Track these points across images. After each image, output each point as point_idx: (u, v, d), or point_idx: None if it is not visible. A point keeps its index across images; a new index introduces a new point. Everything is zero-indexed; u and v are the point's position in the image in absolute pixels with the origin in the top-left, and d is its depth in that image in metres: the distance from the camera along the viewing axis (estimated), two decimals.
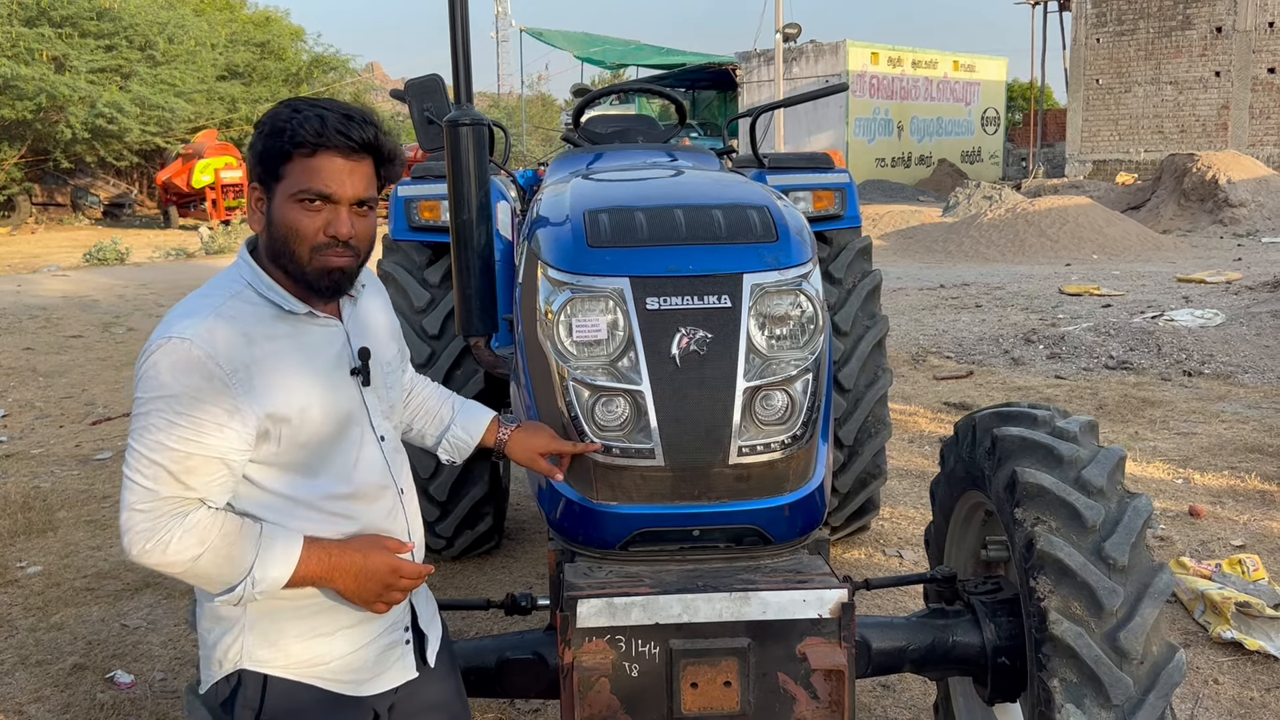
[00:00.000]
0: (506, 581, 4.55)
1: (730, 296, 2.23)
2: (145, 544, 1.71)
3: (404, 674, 2.01)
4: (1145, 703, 2.16)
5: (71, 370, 9.18)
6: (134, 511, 1.72)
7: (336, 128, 1.78)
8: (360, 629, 1.92)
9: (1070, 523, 2.29)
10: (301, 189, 1.78)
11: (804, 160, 4.43)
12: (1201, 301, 11.03)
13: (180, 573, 1.74)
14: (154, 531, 1.71)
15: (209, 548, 1.72)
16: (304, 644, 1.87)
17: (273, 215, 1.82)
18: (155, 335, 1.77)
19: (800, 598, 2.13)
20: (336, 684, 1.90)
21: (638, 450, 2.22)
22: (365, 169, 1.83)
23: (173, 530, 1.71)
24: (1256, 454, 6.03)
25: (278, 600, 1.83)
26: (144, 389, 1.74)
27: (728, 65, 32.15)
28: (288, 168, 1.79)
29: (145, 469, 1.72)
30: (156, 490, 1.71)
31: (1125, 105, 27.31)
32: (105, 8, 24.63)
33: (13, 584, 4.66)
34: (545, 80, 61.04)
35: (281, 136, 1.78)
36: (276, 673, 1.86)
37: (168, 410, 1.71)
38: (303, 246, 1.80)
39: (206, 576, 1.75)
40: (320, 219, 1.80)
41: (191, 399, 1.71)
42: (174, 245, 18.69)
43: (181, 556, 1.72)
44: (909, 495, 5.53)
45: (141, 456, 1.72)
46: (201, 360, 1.72)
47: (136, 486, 1.72)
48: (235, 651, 1.85)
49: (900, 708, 3.50)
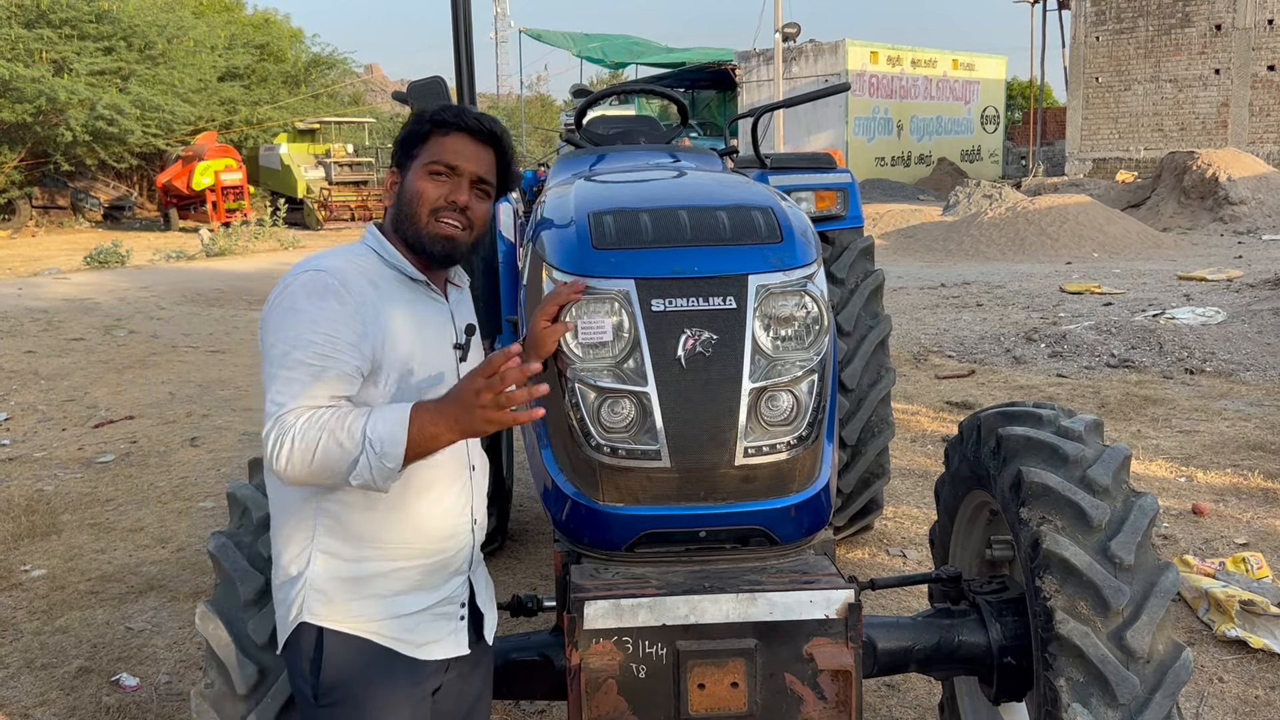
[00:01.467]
0: (511, 583, 4.55)
1: (735, 298, 2.23)
2: (281, 447, 1.80)
3: (457, 648, 2.07)
4: (1152, 702, 2.16)
5: (73, 373, 9.18)
6: (269, 429, 1.82)
7: (472, 114, 2.03)
8: (416, 595, 1.99)
9: (1076, 522, 2.29)
10: (434, 159, 2.00)
11: (806, 160, 4.43)
12: (1202, 299, 11.04)
13: (311, 464, 1.80)
14: (285, 434, 1.81)
15: (326, 429, 1.80)
16: (360, 602, 1.95)
17: (404, 187, 2.03)
18: (289, 275, 1.93)
19: (807, 598, 2.13)
20: (393, 642, 1.96)
21: (644, 452, 2.22)
22: (490, 157, 2.05)
23: (296, 426, 1.81)
24: (1259, 451, 6.04)
25: (341, 563, 1.94)
26: (279, 315, 1.88)
27: (727, 65, 32.15)
28: (424, 146, 2.02)
29: (282, 385, 1.83)
30: (286, 402, 1.82)
31: (1125, 103, 27.30)
32: (104, 10, 24.64)
33: (17, 587, 4.66)
34: (544, 81, 61.10)
35: (423, 120, 2.02)
36: (337, 627, 1.94)
37: (305, 329, 1.85)
38: (424, 209, 1.99)
39: (332, 460, 1.80)
40: (445, 188, 2.00)
41: (328, 319, 1.86)
42: (174, 248, 18.69)
43: (307, 444, 1.79)
44: (912, 495, 5.54)
45: (279, 376, 1.84)
46: (335, 288, 1.89)
47: (272, 404, 1.83)
48: (297, 607, 1.95)
49: (906, 707, 3.51)
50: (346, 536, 1.94)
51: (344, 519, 1.94)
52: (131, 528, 5.35)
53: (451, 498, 2.03)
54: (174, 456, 6.64)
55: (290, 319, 1.86)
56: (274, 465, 1.82)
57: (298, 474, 1.82)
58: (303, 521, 1.96)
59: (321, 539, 1.95)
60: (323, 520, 1.94)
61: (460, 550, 2.06)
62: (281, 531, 2.00)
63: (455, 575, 2.06)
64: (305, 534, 1.96)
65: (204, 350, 10.34)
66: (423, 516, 1.98)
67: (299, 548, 1.96)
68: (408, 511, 1.96)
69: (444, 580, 2.04)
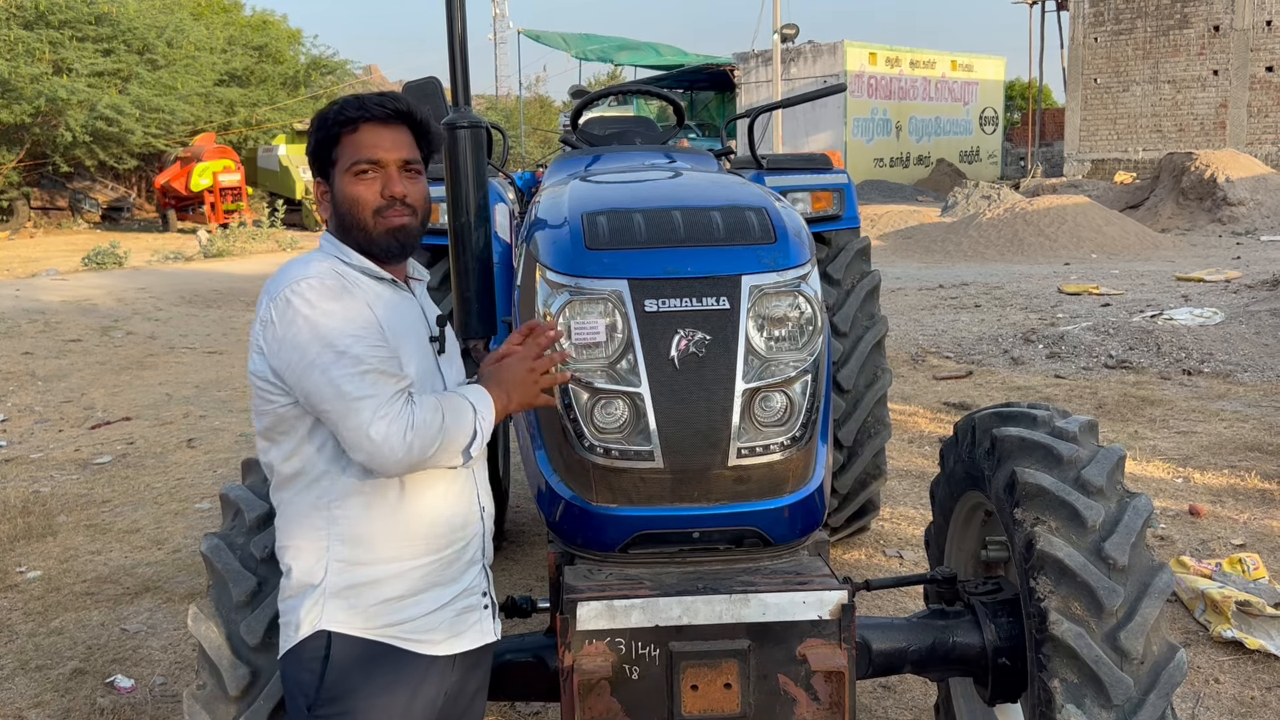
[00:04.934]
0: (506, 584, 4.54)
1: (729, 298, 2.23)
2: (403, 438, 1.83)
3: (483, 636, 2.08)
4: (1146, 702, 2.15)
5: (71, 374, 9.18)
6: (378, 422, 1.82)
7: (373, 100, 1.98)
8: (438, 591, 2.00)
9: (1070, 523, 2.28)
10: (353, 161, 1.96)
11: (802, 161, 4.43)
12: (1200, 300, 11.04)
13: (437, 446, 1.87)
14: (403, 425, 1.83)
15: (445, 410, 1.88)
16: (381, 606, 1.95)
17: (335, 196, 1.99)
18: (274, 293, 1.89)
19: (800, 599, 2.13)
20: (411, 642, 1.97)
21: (637, 452, 2.22)
22: (405, 136, 2.00)
23: (413, 412, 1.85)
24: (1256, 452, 6.03)
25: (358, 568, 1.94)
26: (305, 326, 1.84)
27: (725, 66, 32.16)
28: (338, 149, 1.97)
29: (363, 386, 1.83)
30: (381, 395, 1.83)
31: (1123, 104, 27.32)
32: (104, 12, 24.62)
33: (12, 589, 4.66)
34: (543, 82, 61.03)
35: (327, 123, 1.97)
36: (352, 633, 1.93)
37: (342, 332, 1.84)
38: (365, 212, 1.96)
39: (454, 435, 1.89)
40: (376, 184, 1.97)
41: (353, 317, 1.87)
42: (172, 249, 18.66)
43: (433, 426, 1.85)
44: (909, 496, 5.53)
45: (351, 379, 1.82)
46: (340, 289, 1.89)
47: (365, 405, 1.82)
48: (315, 616, 1.93)
49: (901, 709, 3.50)
50: (360, 542, 1.94)
51: (357, 525, 1.93)
52: (128, 529, 5.35)
53: (457, 488, 2.02)
54: (171, 458, 6.63)
55: (323, 323, 1.84)
56: (396, 454, 1.83)
57: (422, 455, 1.85)
58: (315, 531, 1.95)
59: (336, 547, 1.93)
60: (336, 529, 1.93)
61: (473, 539, 2.07)
62: (293, 543, 1.98)
63: (471, 565, 2.07)
64: (319, 544, 1.94)
65: (201, 351, 10.33)
66: (432, 511, 1.98)
67: (314, 558, 1.94)
68: (417, 508, 1.96)
69: (461, 572, 2.04)
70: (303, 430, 1.93)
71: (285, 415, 1.93)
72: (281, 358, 1.87)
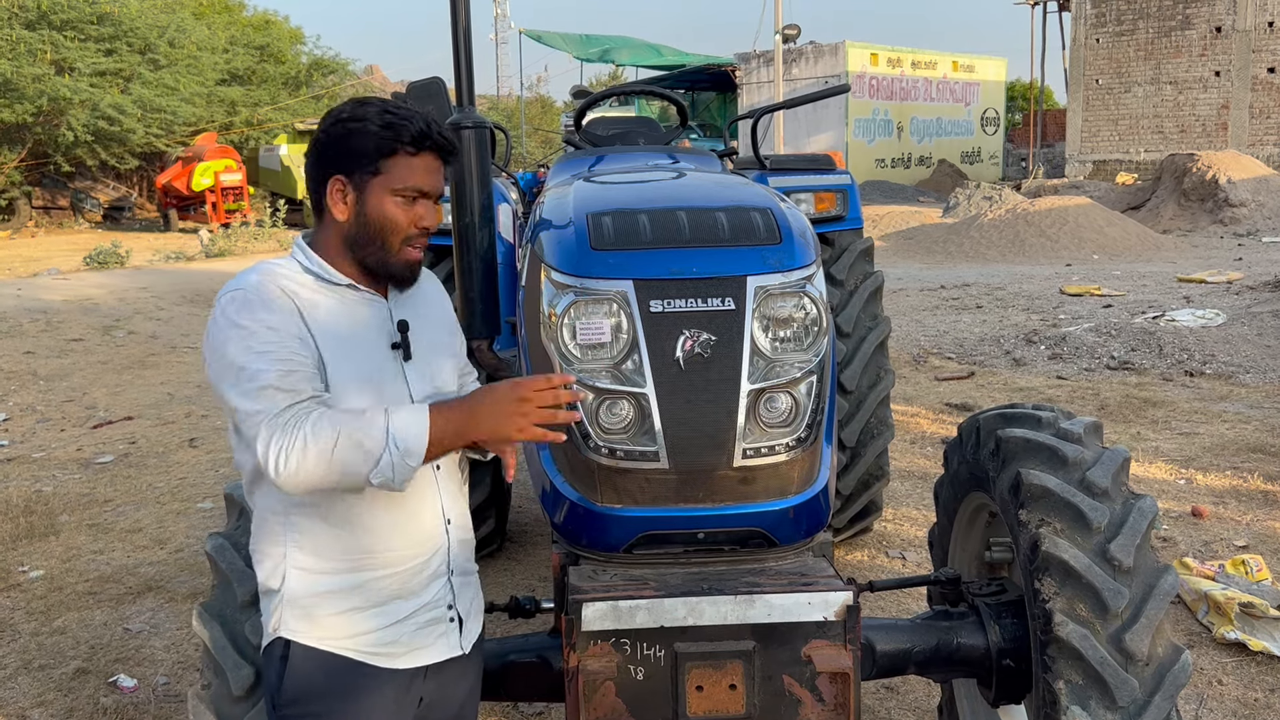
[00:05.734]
0: (509, 584, 4.54)
1: (734, 299, 2.23)
2: (286, 456, 1.73)
3: (448, 650, 2.02)
4: (1151, 704, 2.15)
5: (72, 374, 9.18)
6: (264, 433, 1.75)
7: (439, 132, 1.93)
8: (397, 604, 1.94)
9: (1075, 524, 2.28)
10: (406, 185, 1.90)
11: (805, 162, 4.43)
12: (1202, 301, 11.03)
13: (327, 465, 1.75)
14: (290, 442, 1.74)
15: (342, 428, 1.75)
16: (338, 618, 1.91)
17: (369, 210, 1.91)
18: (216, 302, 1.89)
19: (805, 600, 2.13)
20: (369, 655, 1.93)
21: (642, 453, 2.21)
22: (443, 171, 1.99)
23: (303, 426, 1.75)
24: (1259, 454, 6.03)
25: (315, 577, 1.89)
26: (220, 340, 1.83)
27: (727, 66, 32.15)
28: (390, 163, 1.89)
29: (254, 396, 1.78)
30: (273, 409, 1.77)
31: (1125, 105, 27.31)
32: (106, 12, 24.62)
33: (15, 588, 4.66)
34: (544, 82, 61.09)
35: (391, 132, 1.88)
36: (310, 643, 1.90)
37: (252, 343, 1.80)
38: (396, 238, 1.92)
39: (350, 460, 1.75)
40: (413, 213, 1.93)
41: (268, 329, 1.82)
42: (174, 248, 18.67)
43: (322, 444, 1.74)
44: (911, 496, 5.53)
45: (244, 390, 1.78)
46: (262, 301, 1.84)
47: (253, 415, 1.77)
48: (275, 621, 1.92)
49: (905, 710, 3.50)
50: (317, 551, 1.90)
51: (313, 533, 1.89)
52: (130, 529, 5.35)
53: (417, 501, 1.95)
54: (173, 457, 6.63)
55: (234, 336, 1.81)
56: (280, 470, 1.74)
57: (310, 476, 1.75)
58: (275, 536, 1.92)
59: (293, 554, 1.90)
60: (292, 535, 1.90)
61: (435, 553, 1.98)
62: (259, 546, 1.96)
63: (435, 579, 1.99)
64: (279, 549, 1.92)
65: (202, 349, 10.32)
66: (390, 524, 1.91)
67: (274, 563, 1.92)
68: (375, 520, 1.90)
69: (423, 585, 1.97)
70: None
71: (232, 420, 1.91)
72: (207, 367, 1.87)
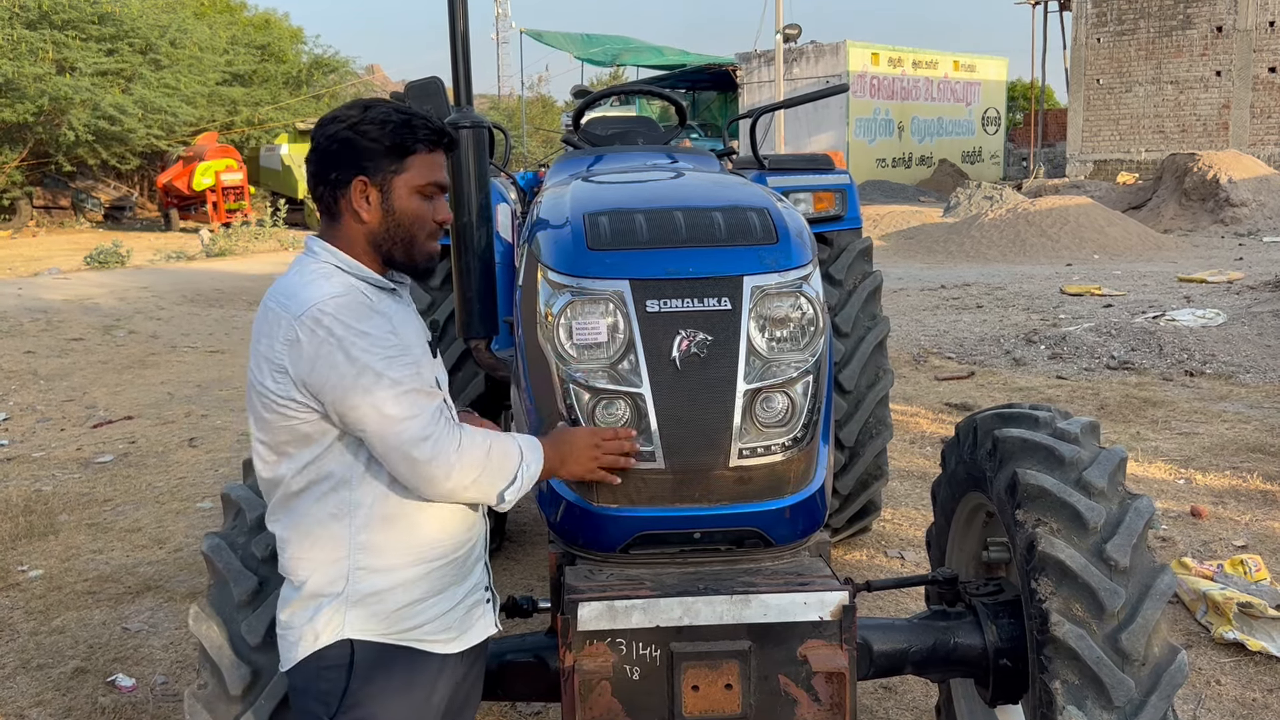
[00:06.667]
0: (508, 584, 4.54)
1: (730, 299, 2.23)
2: (452, 456, 1.89)
3: (486, 629, 2.14)
4: (1147, 704, 2.15)
5: (73, 373, 9.18)
6: (423, 443, 1.87)
7: (447, 130, 2.02)
8: (453, 590, 2.04)
9: (1071, 524, 2.28)
10: (428, 181, 1.98)
11: (804, 161, 4.43)
12: (1203, 301, 11.03)
13: (480, 471, 1.94)
14: (450, 446, 1.89)
15: (490, 440, 1.96)
16: (405, 611, 1.98)
17: (396, 208, 1.97)
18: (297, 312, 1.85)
19: (801, 600, 2.13)
20: (427, 643, 2.01)
21: (638, 453, 2.21)
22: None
23: (458, 436, 1.92)
24: (1258, 454, 6.03)
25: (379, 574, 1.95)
26: (336, 359, 1.83)
27: (728, 66, 32.14)
28: (411, 160, 1.96)
29: (400, 402, 1.85)
30: (422, 414, 1.87)
31: (1126, 105, 27.29)
32: (107, 11, 24.62)
33: (14, 588, 4.66)
34: (545, 82, 61.04)
35: (409, 131, 1.94)
36: (374, 639, 1.96)
37: (378, 355, 1.86)
38: (423, 232, 2.00)
39: (496, 474, 1.97)
40: (434, 207, 2.01)
41: (388, 333, 1.90)
42: (174, 248, 18.68)
43: (478, 451, 1.93)
44: (911, 496, 5.53)
45: (393, 400, 1.85)
46: (364, 307, 1.89)
47: (408, 421, 1.86)
48: (337, 624, 1.95)
49: (902, 709, 3.50)
50: (381, 549, 1.96)
51: (377, 533, 1.95)
52: (129, 528, 5.35)
53: None
54: (172, 457, 6.63)
55: (358, 344, 1.84)
56: (437, 474, 1.89)
57: (463, 481, 1.91)
58: (335, 541, 1.95)
59: (357, 556, 1.95)
60: (356, 538, 1.94)
61: (479, 538, 2.13)
62: (310, 554, 1.96)
63: (478, 562, 2.13)
64: (338, 553, 1.94)
65: (203, 351, 10.34)
66: (446, 514, 2.01)
67: (335, 568, 1.95)
68: (433, 513, 1.99)
69: (471, 569, 2.10)
70: (326, 442, 1.92)
71: (308, 431, 1.91)
72: (315, 379, 1.84)
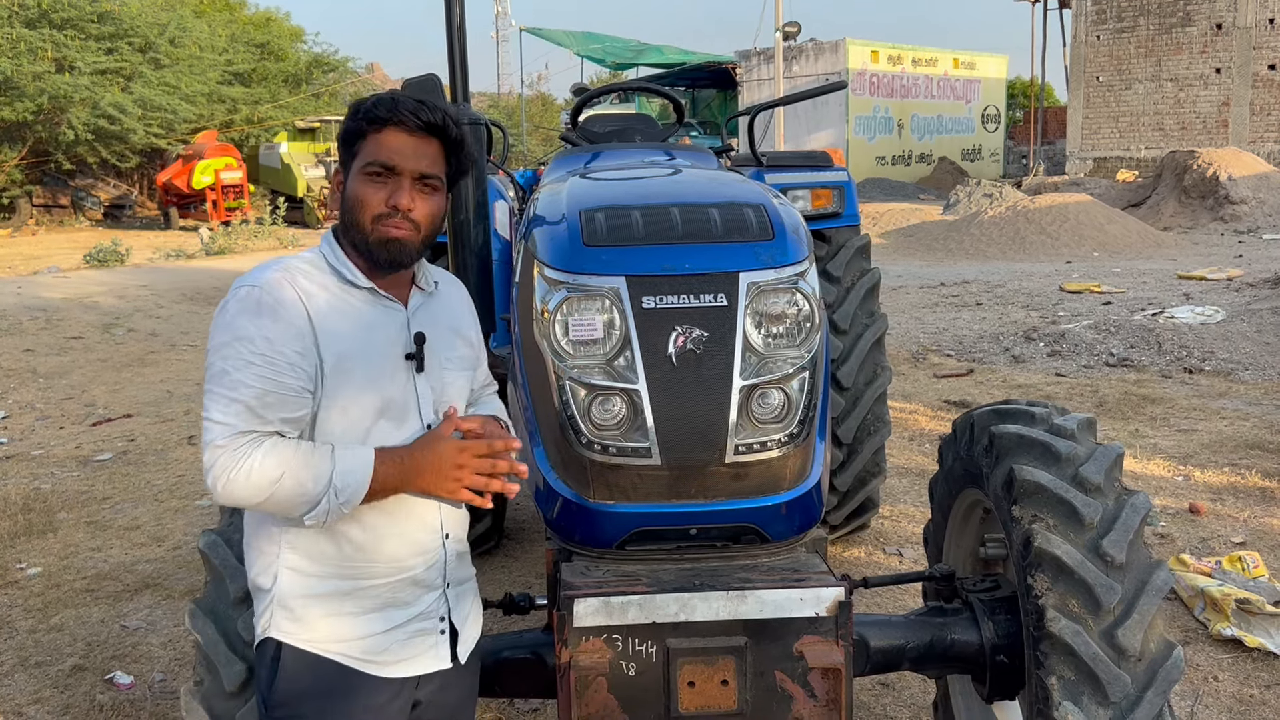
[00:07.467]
0: (506, 581, 4.55)
1: (726, 295, 2.22)
2: (230, 474, 1.78)
3: (437, 663, 2.01)
4: (1143, 700, 2.15)
5: (72, 371, 9.19)
6: (215, 448, 1.79)
7: (407, 106, 1.90)
8: (388, 613, 1.94)
9: (1068, 520, 2.28)
10: (369, 161, 1.90)
11: (802, 158, 4.43)
12: (1202, 298, 11.03)
13: (264, 498, 1.80)
14: (236, 463, 1.78)
15: (289, 468, 1.79)
16: (328, 621, 1.91)
17: (345, 190, 1.94)
18: (231, 289, 1.88)
19: (797, 596, 2.13)
20: (359, 662, 1.93)
21: (634, 449, 2.21)
22: (431, 149, 1.93)
23: (253, 456, 1.78)
24: (1257, 450, 6.03)
25: (307, 579, 1.90)
26: (219, 335, 1.84)
27: (728, 64, 32.13)
28: (361, 144, 1.91)
29: (225, 407, 1.80)
30: (235, 425, 1.79)
31: (1126, 102, 27.28)
32: (106, 10, 24.62)
33: (12, 585, 4.66)
34: (545, 80, 61.00)
35: (357, 116, 1.91)
36: (300, 645, 1.91)
37: (244, 350, 1.81)
38: (366, 215, 1.90)
39: (290, 497, 1.80)
40: (384, 191, 1.90)
41: (265, 339, 1.81)
42: (174, 246, 18.68)
43: (265, 479, 1.78)
44: (909, 493, 5.53)
45: (220, 396, 1.80)
46: (271, 304, 1.83)
47: (216, 425, 1.80)
48: (265, 621, 1.93)
49: (900, 706, 3.50)
50: (310, 553, 1.90)
51: (307, 535, 1.90)
52: (128, 526, 5.35)
53: (417, 517, 1.96)
54: (171, 455, 6.64)
55: (228, 337, 1.82)
56: (216, 490, 1.78)
57: (242, 501, 1.80)
58: (270, 535, 1.92)
59: (287, 554, 1.91)
60: (287, 535, 1.90)
61: (431, 567, 1.99)
62: (252, 544, 1.97)
63: (429, 591, 1.99)
64: (273, 548, 1.92)
65: (202, 349, 10.26)
66: (387, 537, 1.92)
67: (267, 561, 1.93)
68: (370, 528, 1.91)
69: (416, 597, 1.98)
70: None
71: None
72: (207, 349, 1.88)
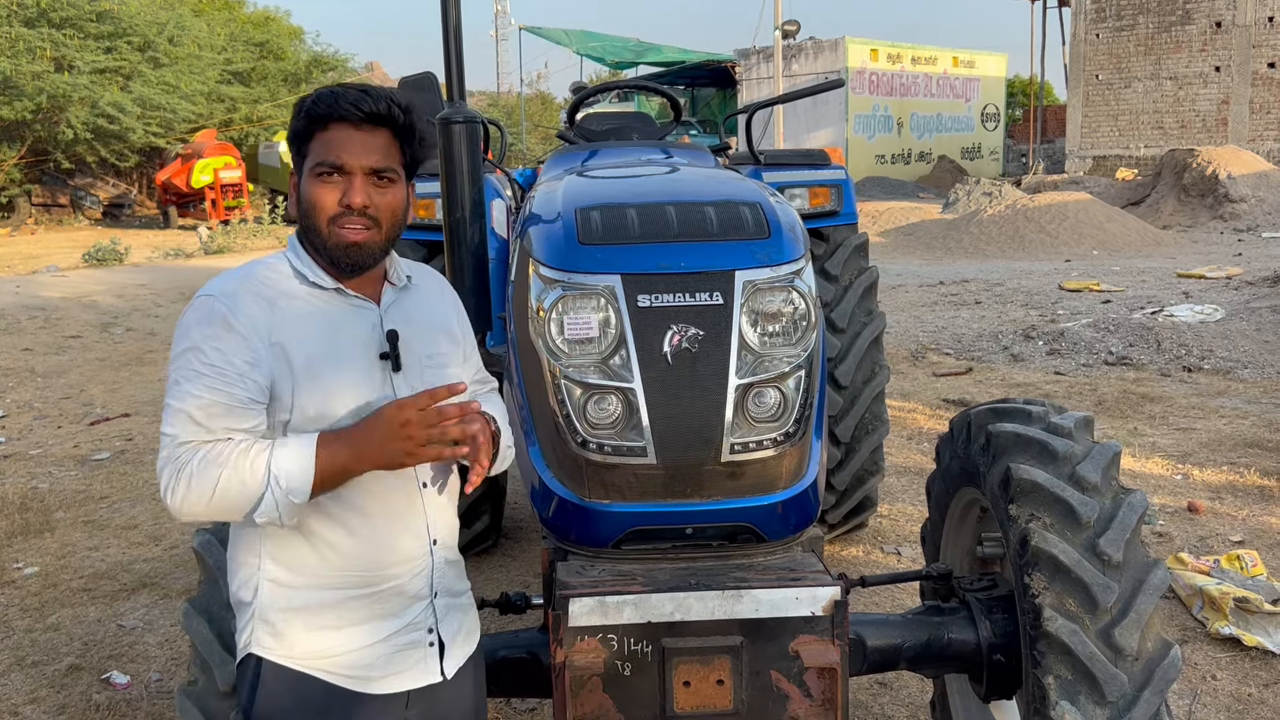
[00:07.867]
0: (503, 580, 4.54)
1: (722, 293, 2.22)
2: (174, 485, 1.74)
3: (425, 677, 1.93)
4: (1140, 699, 2.15)
5: (70, 371, 9.18)
6: (160, 464, 1.78)
7: (348, 99, 1.81)
8: (373, 625, 1.87)
9: (1065, 519, 2.28)
10: (317, 161, 1.82)
11: (800, 157, 4.42)
12: (1201, 297, 11.02)
13: (210, 502, 1.74)
14: (179, 471, 1.74)
15: (226, 466, 1.73)
16: (310, 635, 1.85)
17: (300, 193, 1.86)
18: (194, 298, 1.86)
19: (793, 595, 2.12)
20: (342, 678, 1.86)
21: (630, 448, 2.21)
22: (380, 141, 1.84)
23: (191, 463, 1.74)
24: (1256, 449, 6.02)
25: (289, 591, 1.84)
26: (175, 346, 1.82)
27: (727, 63, 32.12)
28: (310, 145, 1.84)
29: (172, 418, 1.78)
30: (178, 435, 1.76)
31: (1125, 101, 27.27)
32: (105, 9, 24.60)
33: (9, 585, 4.65)
34: (544, 78, 60.95)
35: (300, 116, 1.84)
36: (281, 661, 1.85)
37: (194, 361, 1.78)
38: (321, 218, 1.82)
39: (233, 497, 1.73)
40: (337, 191, 1.82)
41: (216, 350, 1.77)
42: (173, 245, 18.67)
43: (206, 482, 1.73)
44: (908, 492, 5.52)
45: (169, 408, 1.78)
46: (223, 314, 1.78)
47: (165, 437, 1.78)
48: (246, 637, 1.88)
49: (897, 705, 3.50)
50: (292, 565, 1.84)
51: (289, 546, 1.84)
52: (125, 525, 5.34)
53: (402, 522, 1.89)
54: None
55: (183, 347, 1.79)
56: (167, 502, 1.76)
57: (195, 511, 1.75)
58: (250, 546, 1.87)
59: (268, 566, 1.85)
60: (268, 546, 1.84)
61: (418, 575, 1.91)
62: (234, 554, 1.91)
63: (416, 601, 1.91)
64: (253, 559, 1.86)
65: None
66: (369, 543, 1.85)
67: (247, 573, 1.87)
68: (354, 538, 1.84)
69: (403, 607, 1.90)
70: None
71: None
72: None
